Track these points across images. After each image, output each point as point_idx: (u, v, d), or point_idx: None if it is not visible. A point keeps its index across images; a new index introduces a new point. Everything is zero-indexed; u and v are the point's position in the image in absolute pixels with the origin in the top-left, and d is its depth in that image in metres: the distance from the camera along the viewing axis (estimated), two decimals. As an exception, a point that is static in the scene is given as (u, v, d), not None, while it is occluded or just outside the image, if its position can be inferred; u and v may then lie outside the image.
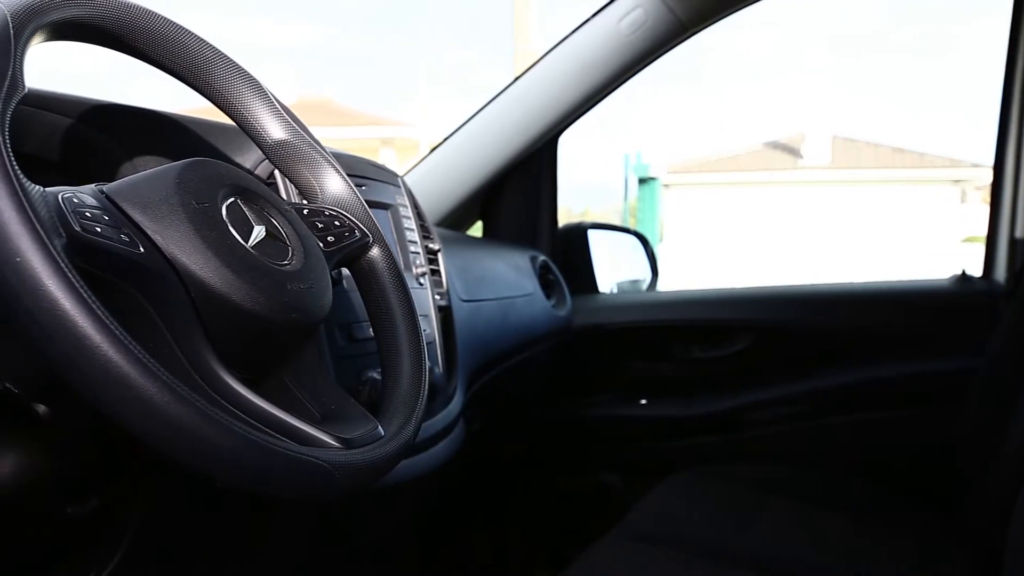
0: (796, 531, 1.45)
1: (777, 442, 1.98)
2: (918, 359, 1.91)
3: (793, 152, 18.36)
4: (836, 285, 2.14)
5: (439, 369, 1.17)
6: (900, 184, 17.10)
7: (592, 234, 2.18)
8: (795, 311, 2.01)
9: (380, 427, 0.68)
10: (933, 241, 15.98)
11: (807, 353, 1.98)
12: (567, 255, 2.09)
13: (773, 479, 1.70)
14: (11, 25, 0.55)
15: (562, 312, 1.90)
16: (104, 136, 0.83)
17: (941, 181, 17.28)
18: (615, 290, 2.27)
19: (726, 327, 2.00)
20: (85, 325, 0.48)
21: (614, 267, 2.29)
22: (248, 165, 0.92)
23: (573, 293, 2.00)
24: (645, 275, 2.39)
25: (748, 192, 17.40)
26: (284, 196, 0.89)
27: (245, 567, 0.97)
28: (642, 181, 11.92)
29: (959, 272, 2.00)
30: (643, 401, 2.03)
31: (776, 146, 18.88)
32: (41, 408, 0.63)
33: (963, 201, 17.52)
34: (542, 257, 1.93)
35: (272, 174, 0.92)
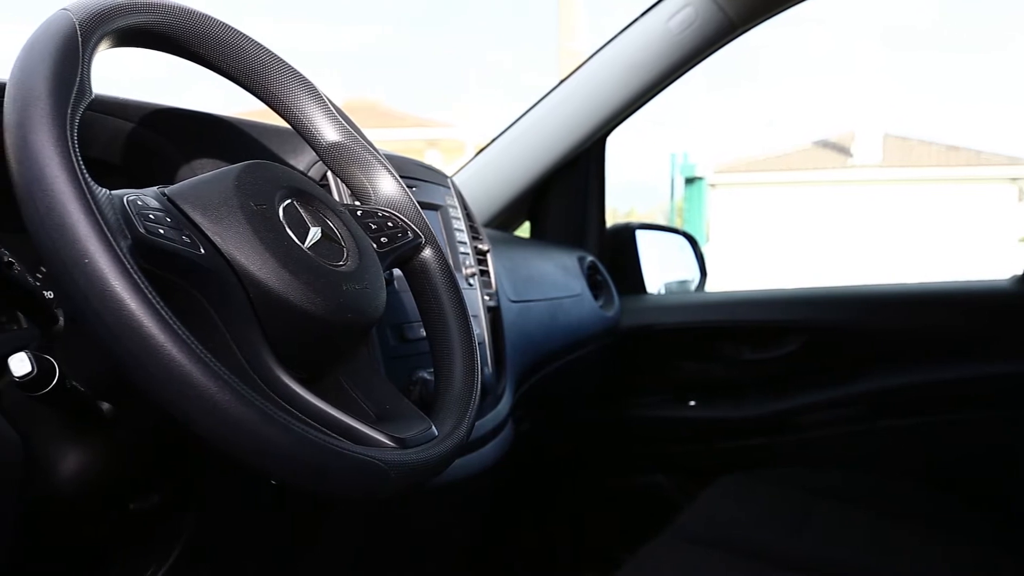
0: (849, 536, 1.43)
1: (829, 445, 1.95)
2: (977, 361, 1.86)
3: (843, 151, 18.08)
4: (890, 286, 2.10)
5: (488, 369, 1.18)
6: (955, 183, 16.73)
7: (640, 234, 2.17)
8: (848, 312, 1.97)
9: (434, 427, 0.68)
10: (989, 241, 15.60)
11: (861, 355, 1.95)
12: (615, 255, 2.08)
13: (825, 483, 1.68)
14: (79, 32, 0.57)
15: (610, 313, 1.89)
16: (163, 139, 0.85)
17: (998, 179, 16.88)
18: (663, 291, 2.26)
19: (777, 328, 1.98)
20: (150, 325, 0.49)
21: (662, 268, 2.27)
22: (301, 167, 0.93)
23: (621, 294, 1.99)
24: (693, 276, 2.37)
25: (797, 192, 17.15)
26: (337, 198, 0.91)
27: (298, 566, 0.98)
28: (689, 181, 11.84)
29: (1018, 273, 1.95)
30: (692, 403, 2.02)
31: (825, 144, 18.60)
32: (106, 406, 0.64)
33: (1021, 200, 17.08)
34: (590, 258, 1.92)
35: (325, 176, 0.93)
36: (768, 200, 17.17)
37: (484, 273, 1.26)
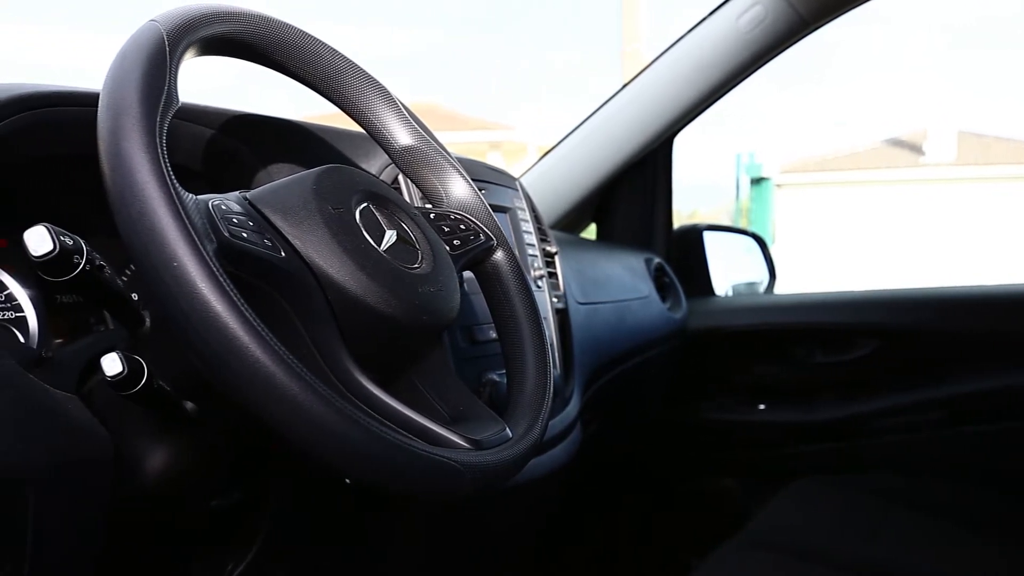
0: (925, 545, 1.39)
1: (903, 451, 1.90)
2: None
3: (915, 149, 17.58)
4: (968, 288, 2.04)
5: (557, 372, 1.18)
6: (1034, 180, 16.13)
7: (708, 235, 2.15)
8: (924, 315, 1.92)
9: (508, 429, 0.68)
10: (1071, 240, 14.99)
11: (937, 359, 1.89)
12: (682, 257, 2.06)
13: (900, 489, 1.63)
14: (167, 42, 0.59)
15: (677, 315, 1.87)
16: (242, 145, 0.87)
17: (1081, 177, 16.21)
18: (731, 293, 2.23)
19: (850, 331, 1.93)
20: (235, 327, 0.51)
21: (730, 269, 2.24)
22: (373, 171, 0.95)
23: (688, 296, 1.97)
24: (762, 277, 2.33)
25: (867, 191, 16.74)
26: (407, 201, 0.91)
27: (369, 566, 0.99)
28: (755, 181, 11.66)
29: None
30: (761, 406, 1.98)
31: (896, 143, 18.12)
32: (190, 406, 0.66)
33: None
34: (657, 259, 1.91)
35: (396, 179, 0.94)
36: (837, 200, 16.79)
37: (552, 275, 1.26)
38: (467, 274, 0.87)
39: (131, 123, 0.54)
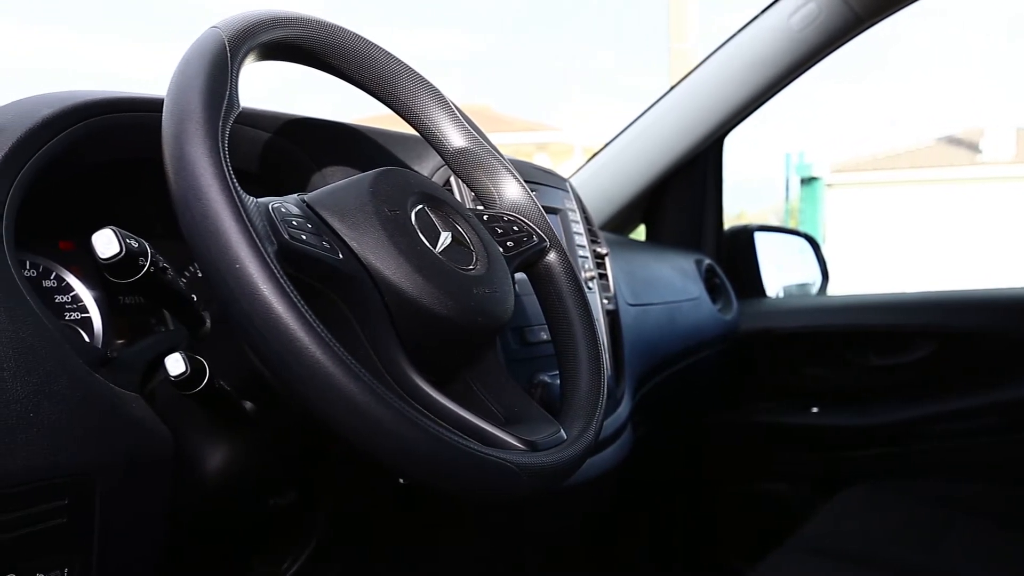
0: (985, 552, 1.36)
1: (961, 457, 1.85)
2: None
3: (971, 147, 17.16)
4: (1029, 289, 1.98)
5: (608, 373, 1.17)
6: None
7: (759, 236, 2.12)
8: (983, 317, 1.87)
9: (562, 430, 0.68)
10: None
11: (997, 362, 1.84)
12: (733, 258, 2.04)
13: (960, 496, 1.60)
14: (228, 48, 0.60)
15: (728, 316, 1.85)
16: (297, 148, 0.88)
17: None
18: (782, 294, 2.20)
19: (906, 333, 1.89)
20: (296, 328, 0.51)
21: (781, 270, 2.22)
22: (425, 173, 0.95)
23: (739, 297, 1.95)
24: (814, 279, 2.30)
25: (921, 190, 16.38)
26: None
27: (421, 566, 1.00)
28: (804, 181, 11.48)
29: None
30: (814, 409, 1.95)
31: (951, 141, 17.71)
32: (249, 405, 0.67)
33: None
34: (707, 260, 1.89)
35: (448, 181, 0.94)
36: (890, 200, 16.46)
37: (603, 277, 1.25)
38: (518, 275, 0.88)
39: (194, 128, 0.55)
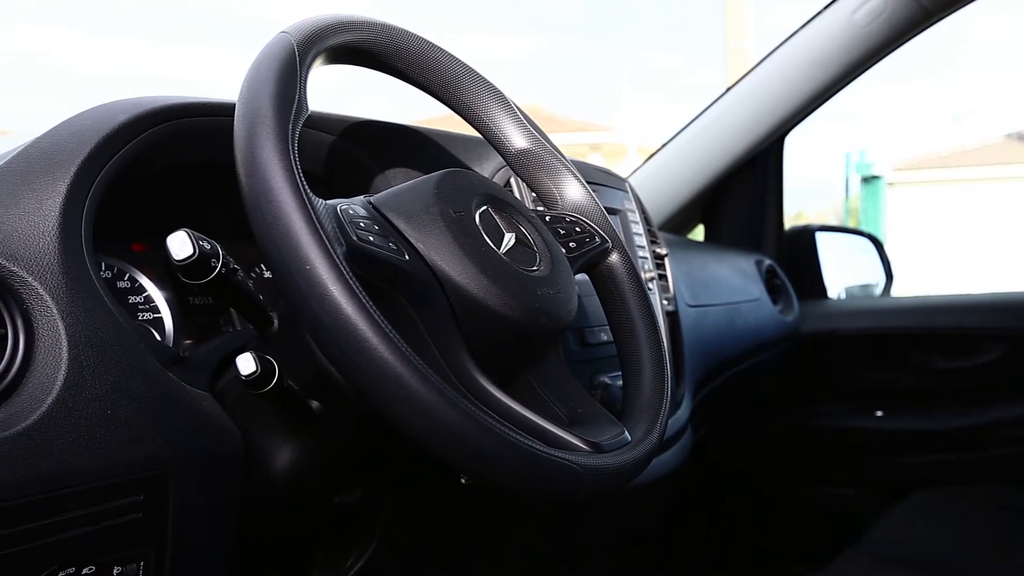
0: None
1: None
2: None
3: (1042, 144, 16.61)
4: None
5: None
6: None
7: (820, 236, 2.09)
8: None
9: (627, 432, 0.68)
10: None
11: None
12: (794, 259, 2.01)
13: None
14: (297, 52, 0.61)
15: (789, 318, 1.83)
16: (360, 150, 0.89)
17: None
18: (844, 295, 2.16)
19: (974, 336, 1.84)
20: (365, 329, 0.52)
21: (843, 271, 2.18)
22: (486, 174, 0.95)
23: (801, 298, 1.92)
24: (878, 280, 2.25)
25: (986, 189, 15.92)
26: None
27: (481, 565, 1.00)
28: (865, 180, 11.25)
29: None
30: (879, 413, 1.91)
31: (1020, 138, 17.18)
32: (315, 404, 0.68)
33: None
34: (768, 261, 1.87)
35: (508, 182, 0.94)
36: (955, 198, 16.02)
37: (662, 278, 1.24)
38: (577, 276, 0.87)
39: (266, 131, 0.56)
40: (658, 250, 1.25)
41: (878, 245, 2.28)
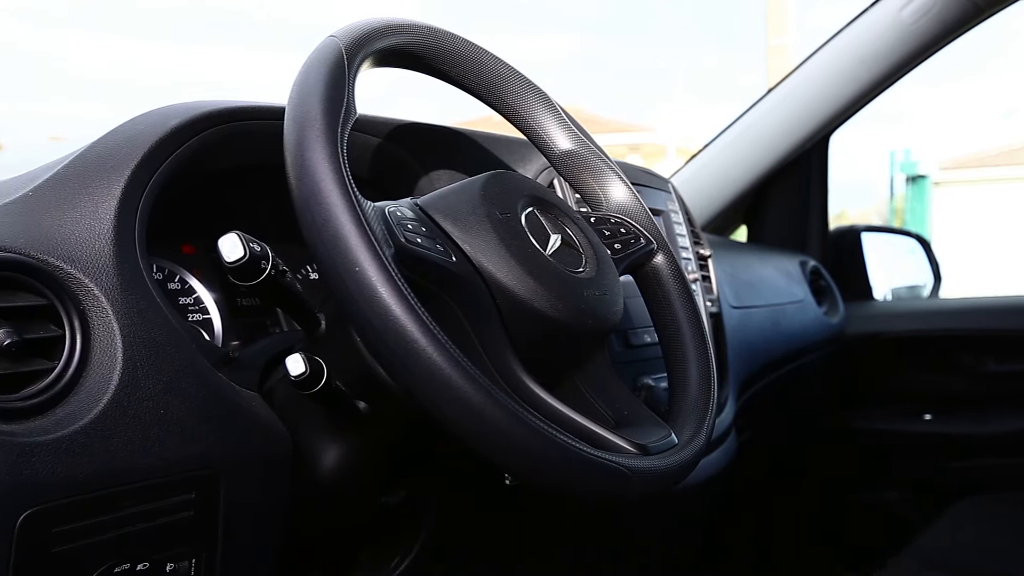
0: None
1: None
2: None
3: (1096, 141, 16.17)
4: None
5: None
6: None
7: (866, 237, 2.06)
8: None
9: (673, 434, 0.67)
10: None
11: None
12: (839, 260, 1.98)
13: None
14: (345, 56, 0.61)
15: (835, 320, 1.80)
16: (405, 153, 0.90)
17: None
18: (891, 297, 2.12)
19: None
20: (413, 330, 0.52)
21: (890, 272, 2.14)
22: (529, 175, 0.95)
23: (846, 300, 1.89)
24: (925, 281, 2.21)
25: (1038, 188, 15.54)
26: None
27: (525, 566, 1.00)
28: (910, 179, 11.05)
29: None
30: (927, 416, 1.88)
31: (1072, 135, 16.73)
32: (362, 405, 0.68)
33: None
34: (812, 262, 1.84)
35: (551, 184, 0.94)
36: (1003, 197, 15.67)
37: (706, 279, 1.23)
38: (622, 277, 0.87)
39: (315, 134, 0.56)
40: (701, 251, 1.24)
41: (925, 245, 2.24)
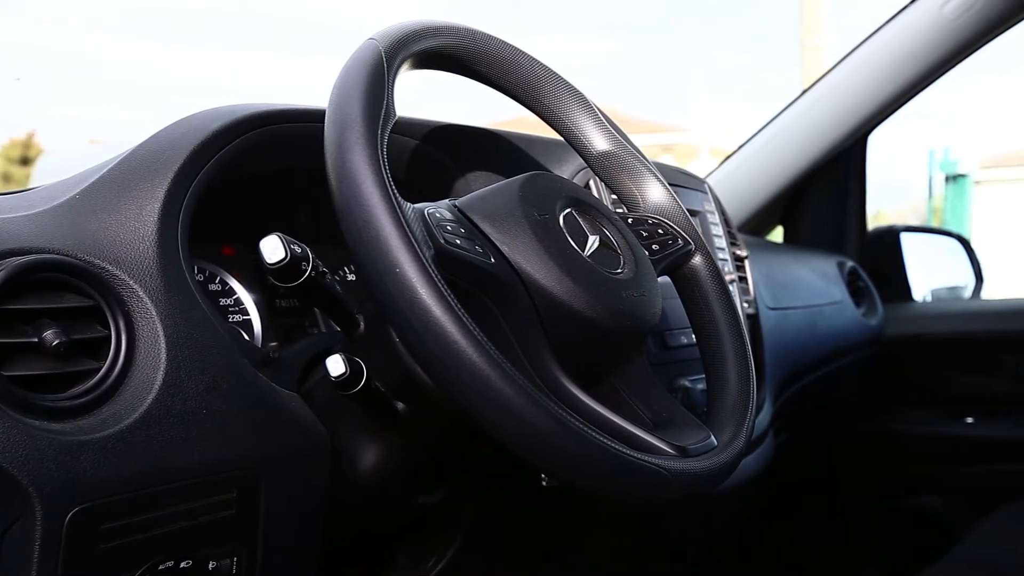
0: None
1: None
2: None
3: None
4: None
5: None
6: None
7: (905, 237, 2.04)
8: None
9: (712, 436, 0.67)
10: None
11: None
12: (878, 260, 1.96)
13: None
14: (384, 58, 0.62)
15: (873, 321, 1.78)
16: (442, 154, 0.90)
17: None
18: (930, 298, 2.09)
19: None
20: (453, 331, 0.52)
21: (929, 273, 2.11)
22: (565, 176, 0.95)
23: (885, 301, 1.87)
24: (966, 282, 2.18)
25: (1081, 186, 15.21)
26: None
27: (561, 565, 1.00)
28: (949, 178, 10.87)
29: None
30: (969, 420, 1.85)
31: (1117, 132, 16.35)
32: (400, 406, 0.69)
33: None
34: (850, 263, 1.82)
35: (587, 184, 0.94)
36: (1046, 197, 15.35)
37: (742, 280, 1.22)
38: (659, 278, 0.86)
39: (356, 137, 0.57)
40: (738, 252, 1.23)
41: (967, 246, 2.20)
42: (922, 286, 2.04)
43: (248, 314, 0.82)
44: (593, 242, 0.68)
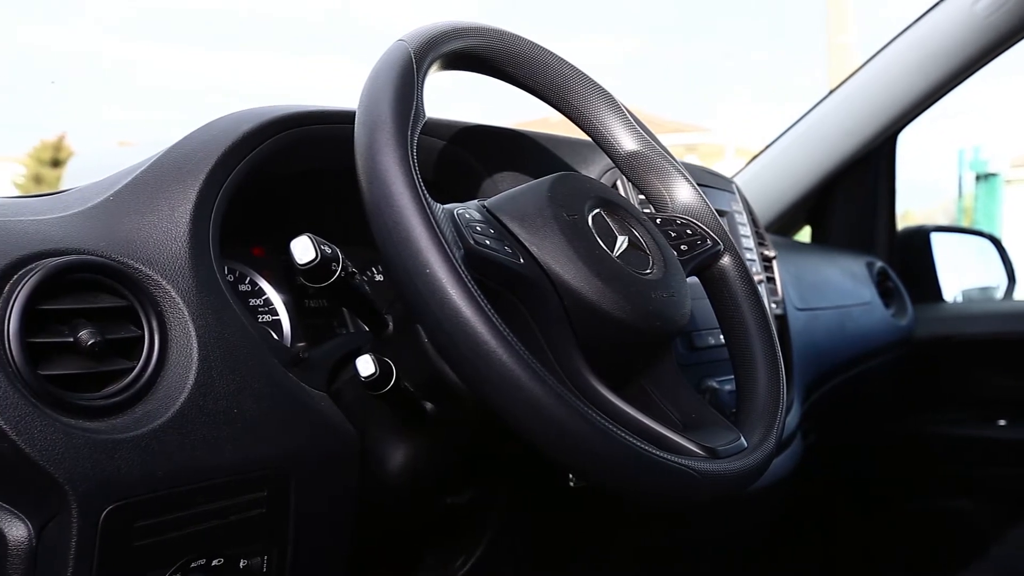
0: None
1: None
2: None
3: None
4: None
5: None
6: None
7: (935, 237, 2.01)
8: None
9: (742, 437, 0.66)
10: None
11: None
12: (907, 261, 1.94)
13: None
14: (414, 60, 0.62)
15: (903, 322, 1.76)
16: (469, 155, 0.90)
17: None
18: (961, 299, 2.07)
19: None
20: (483, 332, 0.52)
21: (960, 273, 2.09)
22: (593, 176, 0.95)
23: (915, 302, 1.85)
24: (998, 282, 2.15)
25: (1115, 185, 14.95)
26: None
27: (588, 565, 1.00)
28: (980, 178, 10.72)
29: None
30: (1001, 422, 1.82)
31: None
32: (429, 406, 0.69)
33: None
34: (880, 263, 1.81)
35: (614, 185, 0.94)
36: (1078, 196, 15.11)
37: (770, 280, 1.22)
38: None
39: (386, 138, 0.57)
40: (766, 252, 1.22)
41: (998, 245, 2.17)
42: (953, 287, 2.02)
43: (277, 314, 0.82)
44: (622, 242, 0.68)
